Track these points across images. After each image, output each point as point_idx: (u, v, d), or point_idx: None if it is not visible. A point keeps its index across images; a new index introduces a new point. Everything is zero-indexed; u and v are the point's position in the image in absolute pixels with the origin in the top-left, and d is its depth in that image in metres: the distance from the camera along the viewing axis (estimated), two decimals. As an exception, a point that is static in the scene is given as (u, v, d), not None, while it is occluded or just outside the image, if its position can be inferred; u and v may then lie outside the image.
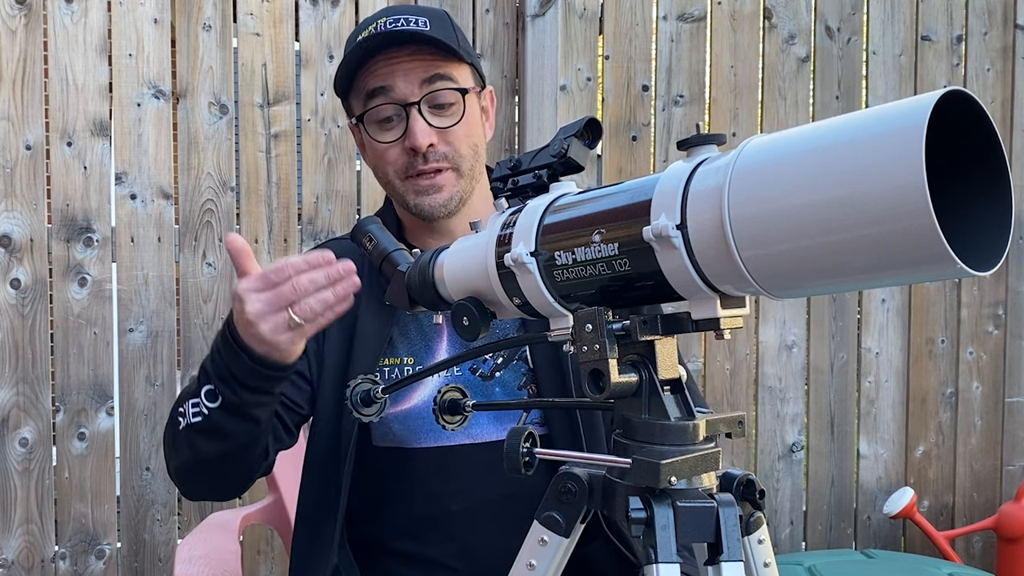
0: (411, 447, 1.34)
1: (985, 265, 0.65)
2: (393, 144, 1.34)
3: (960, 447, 2.91)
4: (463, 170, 1.35)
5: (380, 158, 1.36)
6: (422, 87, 1.32)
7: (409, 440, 1.34)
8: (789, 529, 2.79)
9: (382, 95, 1.33)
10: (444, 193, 1.34)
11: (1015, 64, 2.88)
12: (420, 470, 1.34)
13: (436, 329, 1.38)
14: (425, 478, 1.34)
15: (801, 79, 2.74)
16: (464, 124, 1.34)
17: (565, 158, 0.91)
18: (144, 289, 2.30)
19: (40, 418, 2.25)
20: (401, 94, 1.32)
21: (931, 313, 2.87)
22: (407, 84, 1.32)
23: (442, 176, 1.33)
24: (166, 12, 2.31)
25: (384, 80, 1.32)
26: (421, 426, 1.34)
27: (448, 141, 1.33)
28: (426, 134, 1.31)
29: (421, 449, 1.34)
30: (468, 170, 1.36)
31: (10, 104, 2.21)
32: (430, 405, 1.31)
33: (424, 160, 1.32)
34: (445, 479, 1.33)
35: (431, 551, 1.34)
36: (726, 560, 0.82)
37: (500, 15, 2.53)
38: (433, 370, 1.09)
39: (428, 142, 1.31)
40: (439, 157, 1.33)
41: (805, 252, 0.68)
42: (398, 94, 1.32)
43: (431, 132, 1.32)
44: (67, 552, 2.28)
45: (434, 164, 1.33)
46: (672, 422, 0.84)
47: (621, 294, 0.83)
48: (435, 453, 1.33)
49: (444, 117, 1.33)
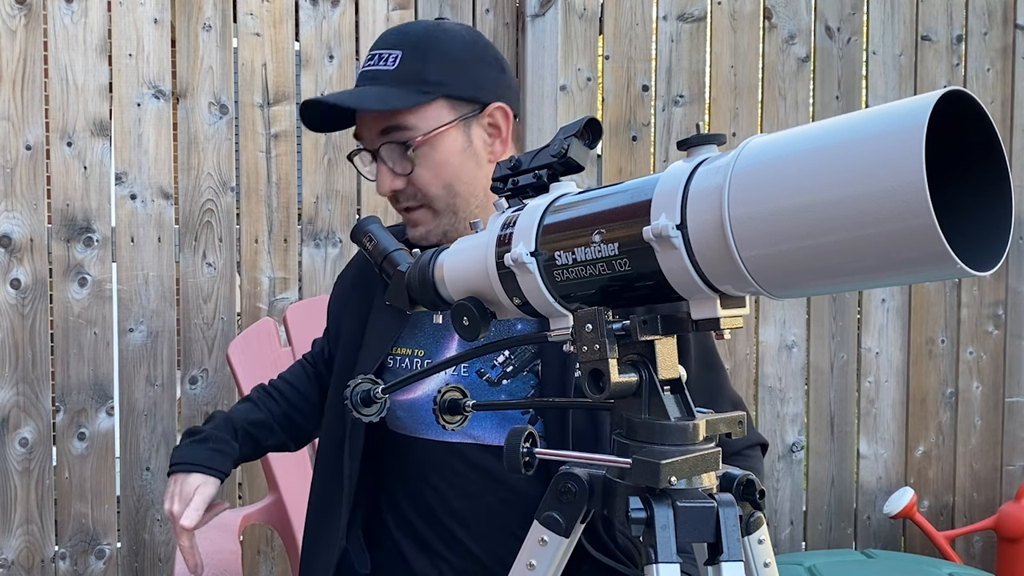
0: (415, 436, 1.37)
1: (985, 265, 0.65)
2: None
3: (960, 447, 2.91)
4: (438, 208, 1.33)
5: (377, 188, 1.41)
6: (379, 136, 1.32)
7: (413, 430, 1.37)
8: (789, 529, 2.79)
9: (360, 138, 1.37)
10: (421, 228, 1.35)
11: (1015, 64, 2.88)
12: (423, 461, 1.37)
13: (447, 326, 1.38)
14: (427, 470, 1.36)
15: (801, 79, 2.74)
16: (426, 168, 1.31)
17: (565, 158, 0.91)
18: (144, 289, 2.30)
19: (40, 418, 2.25)
20: (367, 141, 1.35)
21: (931, 313, 2.87)
22: (368, 132, 1.34)
23: (417, 213, 1.34)
24: (166, 12, 2.31)
25: (358, 126, 1.36)
26: (424, 418, 1.36)
27: (415, 181, 1.32)
28: (386, 182, 1.32)
29: (424, 440, 1.36)
30: (445, 207, 1.33)
31: (10, 104, 2.21)
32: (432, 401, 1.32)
33: (396, 201, 1.35)
34: (446, 475, 1.34)
35: (435, 543, 1.36)
36: (726, 560, 0.82)
37: (500, 15, 2.53)
38: (437, 368, 1.09)
39: (389, 190, 1.33)
40: (408, 197, 1.34)
41: (805, 252, 0.68)
42: (364, 141, 1.35)
43: (393, 178, 1.32)
44: (67, 552, 2.28)
45: (404, 204, 1.35)
46: (672, 422, 0.83)
47: (621, 294, 0.83)
48: (437, 447, 1.35)
49: (406, 162, 1.31)
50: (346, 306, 1.51)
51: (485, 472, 1.32)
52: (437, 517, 1.36)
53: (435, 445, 1.35)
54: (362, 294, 1.48)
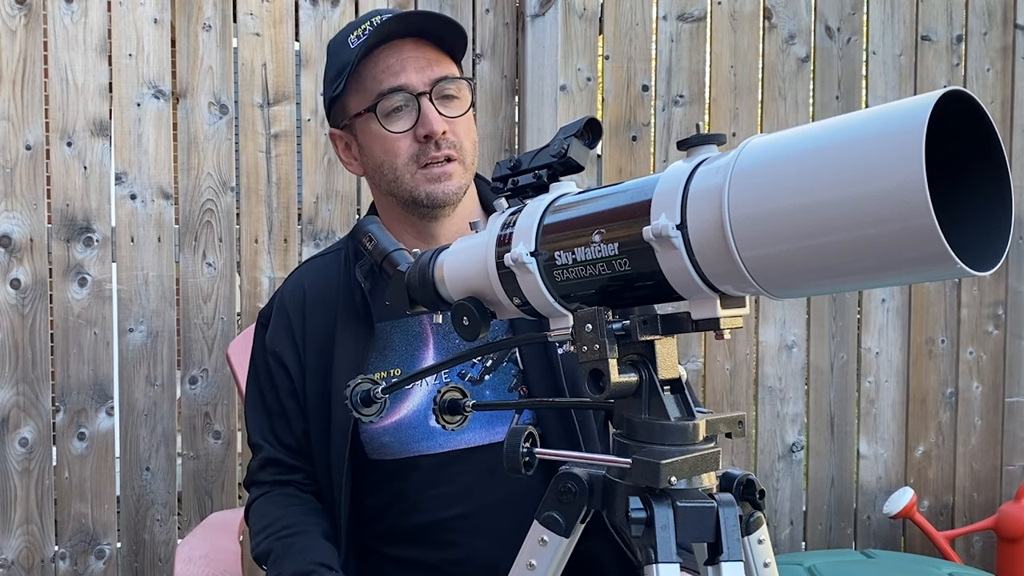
0: (404, 457, 1.34)
1: (985, 265, 0.65)
2: (404, 134, 1.34)
3: (960, 447, 2.91)
4: (467, 163, 1.37)
5: (389, 151, 1.35)
6: (432, 77, 1.34)
7: (402, 451, 1.34)
8: (789, 529, 2.79)
9: (392, 85, 1.34)
10: (454, 182, 1.35)
11: (1015, 64, 2.88)
12: (415, 479, 1.34)
13: (420, 337, 1.37)
14: (420, 486, 1.34)
15: (801, 79, 2.74)
16: (468, 117, 1.37)
17: (565, 158, 0.91)
18: (144, 289, 2.30)
19: (40, 418, 2.25)
20: (412, 84, 1.33)
21: (931, 313, 2.87)
22: (417, 74, 1.34)
23: (452, 165, 1.35)
24: (166, 12, 2.31)
25: (396, 70, 1.34)
26: (412, 435, 1.33)
27: (455, 131, 1.35)
28: (439, 121, 1.33)
29: (414, 458, 1.34)
30: (470, 164, 1.38)
31: (10, 104, 2.21)
32: (419, 415, 1.32)
33: (436, 147, 1.33)
34: (440, 485, 1.33)
35: (430, 556, 1.34)
36: (726, 560, 0.82)
37: (500, 15, 2.53)
38: (432, 370, 1.09)
39: (443, 128, 1.33)
40: (449, 144, 1.34)
41: (805, 252, 0.68)
42: (410, 84, 1.33)
43: (442, 120, 1.33)
44: (67, 552, 2.28)
45: (445, 151, 1.34)
46: (672, 422, 0.84)
47: (621, 294, 0.83)
48: (428, 461, 1.33)
49: (451, 108, 1.36)
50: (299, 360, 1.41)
51: (479, 475, 1.32)
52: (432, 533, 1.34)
53: (425, 459, 1.33)
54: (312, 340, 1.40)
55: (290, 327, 1.42)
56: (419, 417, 1.33)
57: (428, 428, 1.32)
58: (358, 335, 1.35)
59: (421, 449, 1.33)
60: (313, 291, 1.43)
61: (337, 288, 1.41)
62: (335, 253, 1.47)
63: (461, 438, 1.32)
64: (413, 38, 1.34)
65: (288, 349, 1.41)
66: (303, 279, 1.46)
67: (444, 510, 1.33)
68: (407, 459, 1.34)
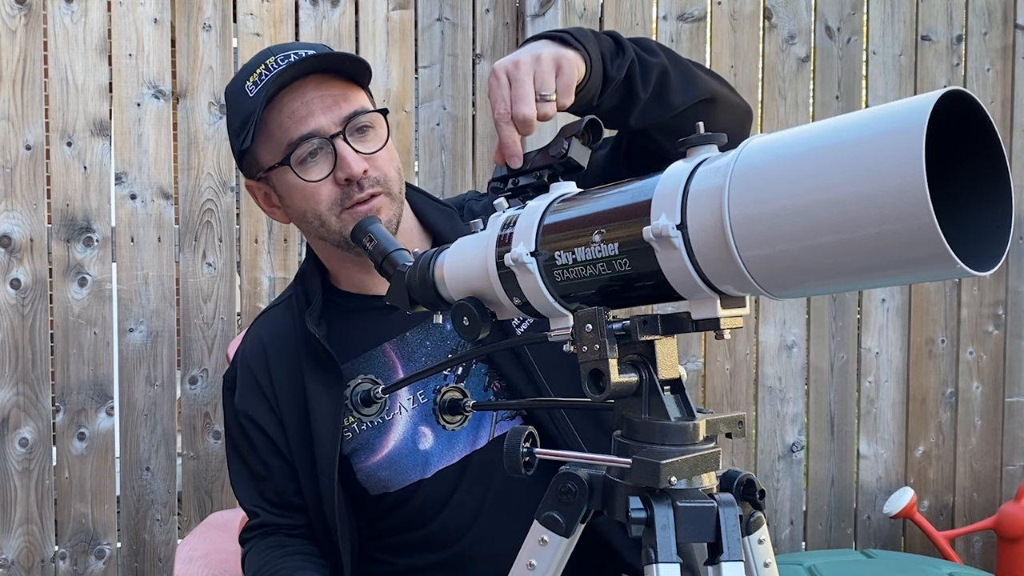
0: (405, 487, 1.35)
1: (985, 265, 0.65)
2: (323, 181, 1.29)
3: (960, 447, 2.91)
4: (394, 193, 1.32)
5: (310, 198, 1.30)
6: (342, 115, 1.29)
7: (402, 481, 1.35)
8: (789, 529, 2.79)
9: (302, 133, 1.28)
10: (383, 215, 1.30)
11: (1015, 64, 2.88)
12: (413, 503, 1.35)
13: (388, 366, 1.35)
14: (419, 509, 1.35)
15: (801, 79, 2.74)
16: (387, 148, 1.32)
17: (565, 158, 0.91)
18: (144, 289, 2.30)
19: (40, 418, 2.25)
20: (323, 127, 1.28)
21: (931, 313, 2.87)
22: (326, 115, 1.28)
23: (377, 200, 1.30)
24: (166, 12, 2.31)
25: (302, 115, 1.28)
26: (405, 465, 1.34)
27: (376, 166, 1.30)
28: (359, 163, 1.28)
29: (409, 487, 1.34)
30: (398, 192, 1.33)
31: (10, 104, 2.21)
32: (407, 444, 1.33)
33: (359, 188, 1.29)
34: (438, 504, 1.35)
35: (430, 558, 1.36)
36: (726, 560, 0.82)
37: (500, 15, 2.53)
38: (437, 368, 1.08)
39: (362, 168, 1.28)
40: (372, 183, 1.29)
41: (805, 252, 0.68)
42: (320, 128, 1.28)
43: (361, 159, 1.29)
44: (67, 552, 2.28)
45: (369, 190, 1.29)
46: (672, 422, 0.83)
47: (621, 294, 0.83)
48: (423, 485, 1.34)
49: (368, 142, 1.31)
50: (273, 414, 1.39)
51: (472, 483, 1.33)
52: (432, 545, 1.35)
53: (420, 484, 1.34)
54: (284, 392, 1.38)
55: (256, 385, 1.39)
56: (408, 445, 1.33)
57: (419, 454, 1.33)
58: (328, 382, 1.33)
59: (418, 475, 1.34)
60: (273, 346, 1.40)
61: (295, 339, 1.38)
62: (286, 301, 1.45)
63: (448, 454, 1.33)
64: (315, 75, 1.29)
65: (260, 407, 1.38)
66: (260, 334, 1.43)
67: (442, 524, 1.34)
68: (408, 487, 1.35)
